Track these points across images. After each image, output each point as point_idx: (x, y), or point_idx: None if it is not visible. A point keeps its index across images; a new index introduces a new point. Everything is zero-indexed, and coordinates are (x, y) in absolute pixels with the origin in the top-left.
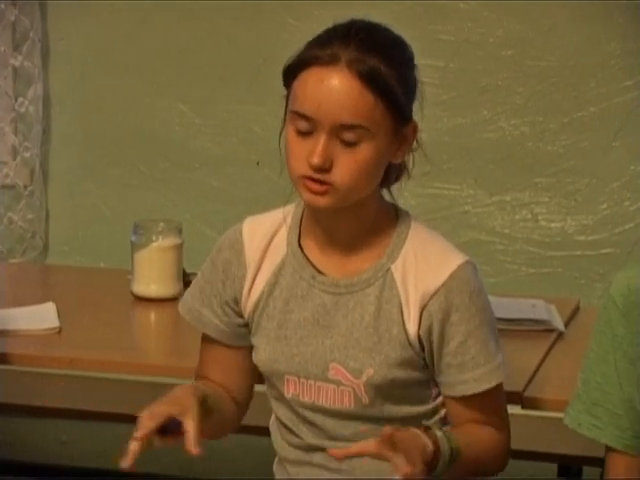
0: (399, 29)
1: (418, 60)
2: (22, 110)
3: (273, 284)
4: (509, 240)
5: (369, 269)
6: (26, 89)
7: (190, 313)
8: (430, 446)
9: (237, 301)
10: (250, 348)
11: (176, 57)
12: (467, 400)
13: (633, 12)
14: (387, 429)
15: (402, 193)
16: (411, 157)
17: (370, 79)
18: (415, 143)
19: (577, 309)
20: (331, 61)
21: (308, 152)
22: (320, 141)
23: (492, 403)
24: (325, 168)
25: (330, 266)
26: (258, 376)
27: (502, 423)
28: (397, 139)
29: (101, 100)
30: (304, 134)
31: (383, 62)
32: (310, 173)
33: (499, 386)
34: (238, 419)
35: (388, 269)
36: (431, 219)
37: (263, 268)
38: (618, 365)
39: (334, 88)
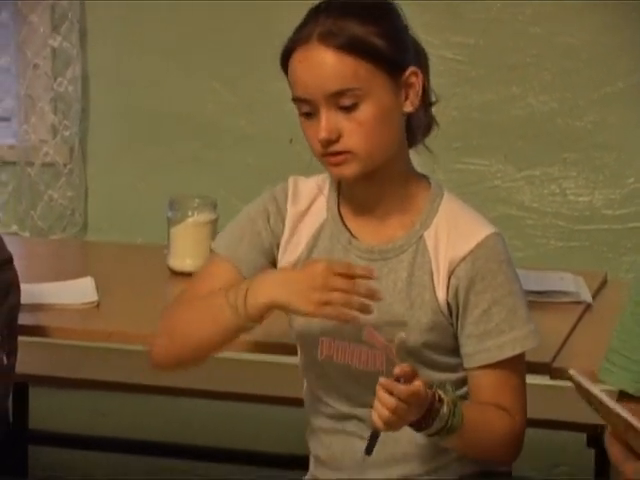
0: (429, 8)
1: (449, 38)
2: (61, 90)
3: (312, 247)
4: (538, 214)
5: (403, 236)
6: (65, 69)
7: (227, 249)
8: (430, 396)
9: (273, 253)
10: None
11: (209, 37)
12: (486, 372)
13: None
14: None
15: (431, 167)
16: (450, 135)
17: (345, 44)
18: (431, 96)
19: (605, 282)
20: (306, 40)
21: (317, 131)
22: (322, 117)
23: (511, 380)
24: (334, 139)
25: (365, 232)
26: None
27: (518, 406)
28: (400, 89)
29: (137, 79)
30: (310, 116)
31: (357, 23)
32: (324, 150)
33: (520, 361)
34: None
35: (421, 236)
36: (461, 194)
37: (301, 230)
38: None
39: (312, 63)
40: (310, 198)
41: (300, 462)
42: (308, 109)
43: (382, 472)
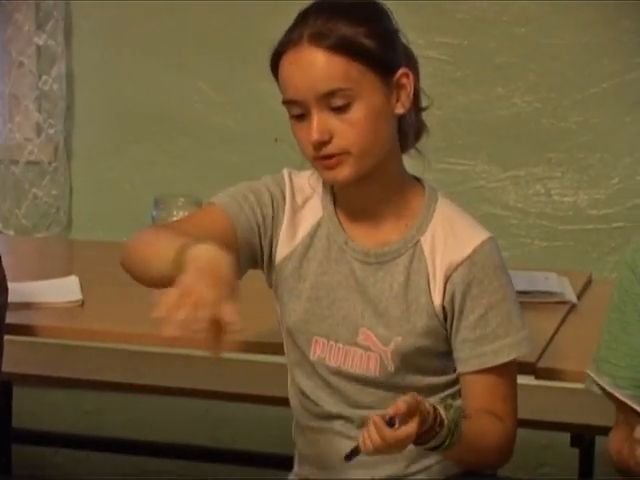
0: (415, 8)
1: (433, 38)
2: (46, 88)
3: (308, 245)
4: (523, 214)
5: (398, 240)
6: (50, 67)
7: (224, 202)
8: (431, 418)
9: (261, 231)
10: (240, 247)
11: (196, 36)
12: (479, 377)
13: None
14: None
15: (417, 168)
16: (434, 135)
17: (335, 45)
18: (422, 100)
19: (589, 281)
20: (296, 42)
21: (308, 133)
22: (313, 118)
23: (503, 386)
24: (325, 141)
25: (360, 234)
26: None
27: (509, 412)
28: (391, 90)
29: (123, 78)
30: (301, 119)
31: (346, 24)
32: (316, 152)
33: (513, 368)
34: None
35: (417, 241)
36: (446, 194)
37: (298, 224)
38: (628, 318)
39: (303, 65)
40: (305, 194)
41: (286, 461)
42: (299, 111)
43: (368, 472)
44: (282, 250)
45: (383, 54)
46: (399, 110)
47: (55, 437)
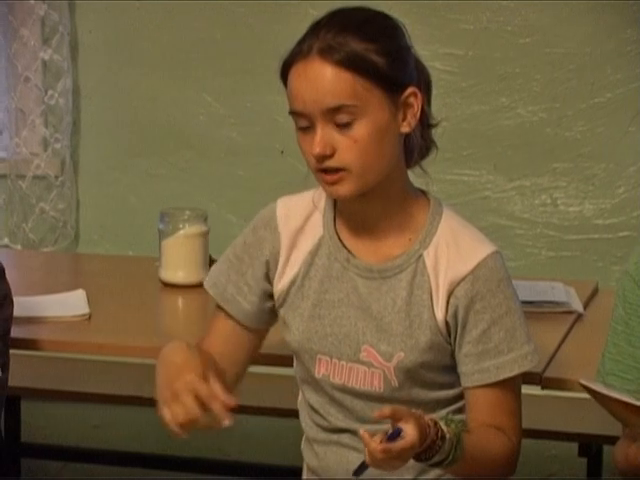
0: (419, 18)
1: (438, 49)
2: (52, 102)
3: (309, 264)
4: (529, 224)
5: (401, 255)
6: (56, 82)
7: (215, 287)
8: (432, 432)
9: (269, 279)
10: (261, 333)
11: (201, 49)
12: (483, 392)
13: None
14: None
15: (423, 179)
16: (439, 145)
17: (344, 60)
18: (431, 118)
19: (596, 291)
20: (305, 54)
21: (311, 145)
22: (317, 132)
23: (507, 400)
24: (327, 155)
25: (363, 250)
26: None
27: (514, 426)
28: (398, 108)
29: (129, 92)
30: (306, 131)
31: (357, 39)
32: (318, 165)
33: (517, 382)
34: None
35: (420, 255)
36: (452, 205)
37: (299, 247)
38: (633, 330)
39: (311, 78)
40: (305, 215)
41: (293, 473)
42: (305, 123)
43: None
44: (286, 276)
45: (392, 72)
46: (404, 129)
47: (63, 451)
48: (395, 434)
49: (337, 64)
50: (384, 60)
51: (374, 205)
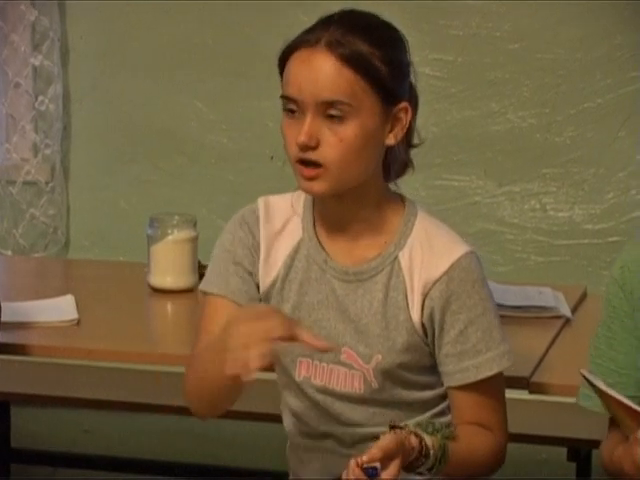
0: (409, 24)
1: (427, 55)
2: (42, 108)
3: (289, 267)
4: (518, 230)
5: (377, 257)
6: (46, 87)
7: (217, 286)
8: (415, 452)
9: (254, 274)
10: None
11: (191, 55)
12: (466, 391)
13: (638, 5)
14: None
15: (413, 185)
16: (428, 149)
17: (348, 57)
18: (415, 138)
19: (584, 296)
20: (313, 44)
21: (297, 134)
22: (306, 121)
23: (491, 398)
24: (312, 146)
25: (339, 252)
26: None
27: (499, 422)
28: (387, 119)
29: (119, 97)
30: (294, 117)
31: (364, 42)
32: (300, 154)
33: (499, 380)
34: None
35: (396, 257)
36: (441, 210)
37: (278, 249)
38: (615, 334)
39: (313, 68)
40: (284, 217)
41: (281, 478)
42: (294, 108)
43: None
44: (266, 277)
45: (391, 82)
46: (389, 141)
47: (53, 456)
48: (371, 474)
49: (341, 59)
50: (386, 68)
51: (349, 207)
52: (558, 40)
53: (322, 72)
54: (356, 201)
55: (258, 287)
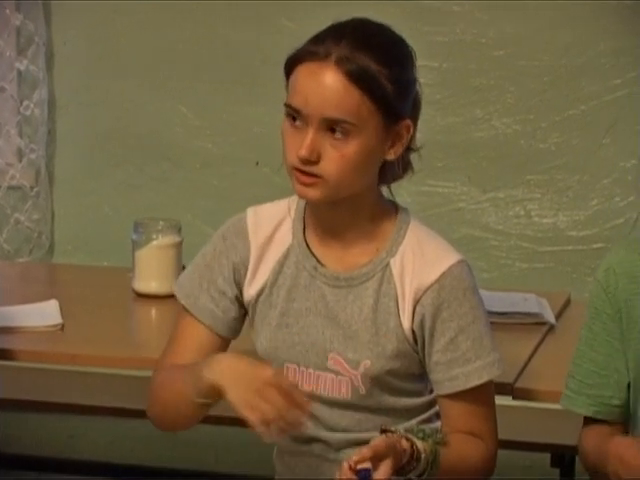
0: (394, 29)
1: None
2: (27, 113)
3: (278, 273)
4: (503, 236)
5: (368, 263)
6: (31, 92)
7: (187, 298)
8: (407, 455)
9: (239, 286)
10: (230, 340)
11: (177, 60)
12: (455, 400)
13: (622, 12)
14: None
15: (397, 191)
16: (412, 156)
17: (357, 76)
18: (414, 144)
19: (568, 302)
20: (322, 57)
21: (298, 144)
22: (308, 134)
23: (481, 406)
24: (312, 161)
25: (330, 258)
26: None
27: (489, 431)
28: (389, 136)
29: (104, 102)
30: (296, 125)
31: (373, 60)
32: (299, 165)
33: (489, 388)
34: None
35: (387, 264)
36: (426, 216)
37: (268, 256)
38: (596, 335)
39: (321, 83)
40: (274, 223)
41: None
42: (298, 120)
43: None
44: (255, 285)
45: (395, 101)
46: (389, 156)
47: (38, 461)
48: (364, 476)
49: (349, 77)
50: (392, 87)
51: (343, 214)
52: (543, 47)
53: (330, 89)
54: (350, 209)
55: (238, 299)
